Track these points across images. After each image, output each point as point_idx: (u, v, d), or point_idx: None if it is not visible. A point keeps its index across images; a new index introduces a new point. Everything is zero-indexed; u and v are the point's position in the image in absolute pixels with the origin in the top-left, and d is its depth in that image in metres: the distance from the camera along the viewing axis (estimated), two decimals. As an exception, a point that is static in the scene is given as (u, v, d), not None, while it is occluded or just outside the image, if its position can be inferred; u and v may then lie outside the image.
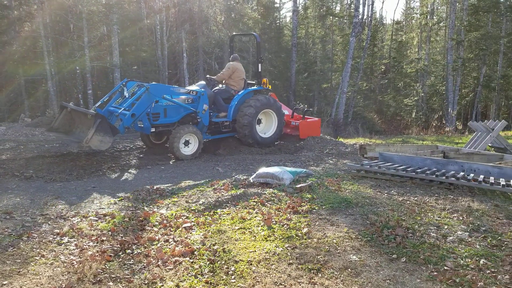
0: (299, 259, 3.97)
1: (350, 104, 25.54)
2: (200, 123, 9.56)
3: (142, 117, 8.63)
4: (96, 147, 7.89)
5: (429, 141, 14.19)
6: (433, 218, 5.11)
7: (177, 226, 4.79)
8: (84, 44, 18.47)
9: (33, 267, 3.72)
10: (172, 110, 9.12)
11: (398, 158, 7.68)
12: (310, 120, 11.55)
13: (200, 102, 9.46)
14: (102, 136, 7.90)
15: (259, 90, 10.69)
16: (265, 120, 10.71)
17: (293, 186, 6.32)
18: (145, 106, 8.55)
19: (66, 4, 18.62)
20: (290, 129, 11.47)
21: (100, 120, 7.93)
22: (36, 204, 5.59)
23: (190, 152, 9.16)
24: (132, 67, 23.70)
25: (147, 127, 8.84)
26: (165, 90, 9.11)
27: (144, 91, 8.52)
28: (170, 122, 9.17)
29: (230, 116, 10.00)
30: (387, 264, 3.89)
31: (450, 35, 25.90)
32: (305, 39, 34.74)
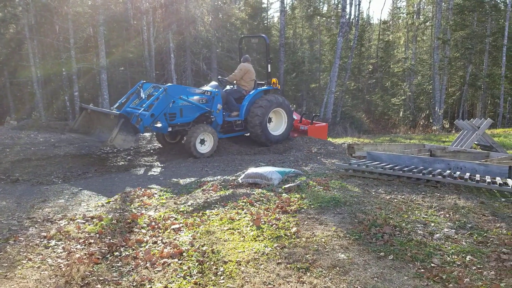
0: (288, 258, 3.98)
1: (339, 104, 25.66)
2: (214, 122, 9.86)
3: (160, 117, 8.93)
4: (119, 145, 8.28)
5: (417, 139, 14.31)
6: (420, 215, 5.15)
7: (166, 228, 4.77)
8: (70, 46, 18.32)
9: (20, 271, 3.69)
10: (187, 110, 9.42)
11: (386, 157, 7.73)
12: (318, 125, 12.25)
13: (214, 102, 9.79)
14: (125, 135, 8.24)
15: (269, 89, 11.07)
16: (275, 119, 11.11)
17: (282, 186, 6.33)
18: (163, 106, 8.86)
19: (51, 5, 18.46)
20: (297, 133, 12.01)
21: (123, 120, 8.22)
22: (22, 207, 5.53)
23: (206, 150, 9.46)
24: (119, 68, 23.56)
25: (164, 126, 9.12)
26: (182, 91, 9.41)
27: (162, 92, 8.84)
28: (186, 122, 9.47)
29: (242, 115, 10.39)
30: (375, 262, 3.92)
31: (436, 35, 26.16)
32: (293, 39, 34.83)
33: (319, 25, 35.34)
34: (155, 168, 8.43)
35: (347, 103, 28.05)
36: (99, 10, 18.64)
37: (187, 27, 22.39)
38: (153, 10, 22.00)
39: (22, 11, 17.96)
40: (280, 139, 10.96)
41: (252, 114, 10.27)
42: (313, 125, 12.06)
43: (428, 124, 23.68)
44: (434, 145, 10.25)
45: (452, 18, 26.87)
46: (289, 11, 35.13)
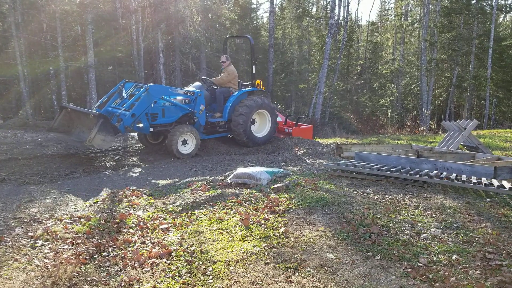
0: (276, 258, 4.00)
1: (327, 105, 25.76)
2: (197, 123, 9.76)
3: (141, 117, 8.82)
4: (99, 146, 8.15)
5: (404, 140, 14.42)
6: (407, 215, 5.21)
7: (154, 228, 4.76)
8: (58, 44, 18.13)
9: (6, 272, 3.65)
10: (170, 110, 9.32)
11: (374, 157, 7.79)
12: (303, 127, 12.14)
13: (197, 102, 9.69)
14: (104, 135, 8.12)
15: (253, 91, 11.02)
16: (259, 120, 11.04)
17: (270, 186, 6.35)
18: (144, 106, 8.74)
19: (39, 3, 18.26)
20: (283, 135, 11.89)
21: (102, 120, 8.11)
22: (8, 207, 5.47)
23: (188, 151, 9.35)
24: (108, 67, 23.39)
25: (146, 127, 9.03)
26: (164, 91, 9.31)
27: (143, 92, 8.71)
28: (168, 122, 9.36)
29: (226, 116, 10.29)
30: (363, 262, 3.95)
31: (423, 36, 26.40)
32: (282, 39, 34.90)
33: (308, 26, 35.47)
34: (143, 167, 8.38)
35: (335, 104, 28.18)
36: (88, 8, 18.47)
37: (176, 27, 22.32)
38: (142, 9, 21.88)
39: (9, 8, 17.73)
40: (263, 141, 10.89)
41: (237, 113, 10.20)
42: (298, 127, 11.96)
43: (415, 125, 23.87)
44: (421, 145, 10.34)
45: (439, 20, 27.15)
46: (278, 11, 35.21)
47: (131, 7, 21.41)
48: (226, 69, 10.67)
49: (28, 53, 19.38)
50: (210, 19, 24.46)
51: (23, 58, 18.25)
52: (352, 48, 32.74)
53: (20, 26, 18.37)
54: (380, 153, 8.60)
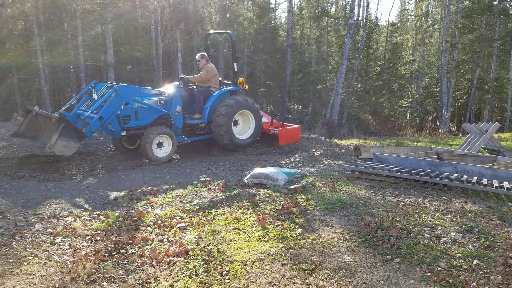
0: (293, 259, 3.97)
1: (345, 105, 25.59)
2: (173, 126, 9.21)
3: (112, 120, 8.34)
4: (60, 152, 7.56)
5: (423, 142, 14.25)
6: (427, 219, 5.13)
7: (171, 226, 4.77)
8: (78, 43, 18.38)
9: (26, 267, 3.70)
10: (143, 112, 8.80)
11: (393, 159, 7.70)
12: (290, 128, 11.24)
13: (172, 103, 9.13)
14: (66, 141, 7.59)
15: (236, 90, 10.31)
16: (242, 122, 10.35)
17: (287, 187, 6.32)
18: (113, 108, 8.22)
19: (60, 2, 18.52)
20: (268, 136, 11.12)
21: (64, 125, 7.59)
22: (29, 204, 5.56)
23: (164, 154, 8.84)
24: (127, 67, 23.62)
25: (117, 130, 8.54)
26: (135, 92, 8.74)
27: (112, 93, 8.17)
28: (141, 125, 8.85)
29: (205, 117, 9.61)
30: (381, 265, 3.90)
31: (444, 37, 26.03)
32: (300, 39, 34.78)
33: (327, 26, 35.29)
34: (160, 166, 8.42)
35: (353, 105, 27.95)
36: (108, 8, 18.68)
37: (194, 27, 22.42)
38: (161, 9, 22.04)
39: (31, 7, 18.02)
40: (247, 143, 10.16)
41: (217, 113, 9.48)
42: (284, 128, 11.03)
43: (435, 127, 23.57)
44: (441, 148, 10.20)
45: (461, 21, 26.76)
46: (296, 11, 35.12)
47: (150, 6, 21.58)
48: (204, 68, 9.96)
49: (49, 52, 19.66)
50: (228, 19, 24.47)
51: (44, 56, 18.53)
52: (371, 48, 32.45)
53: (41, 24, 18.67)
54: (399, 155, 8.49)
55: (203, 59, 9.99)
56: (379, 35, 40.68)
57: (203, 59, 10.00)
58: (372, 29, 34.43)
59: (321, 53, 33.53)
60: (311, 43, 35.23)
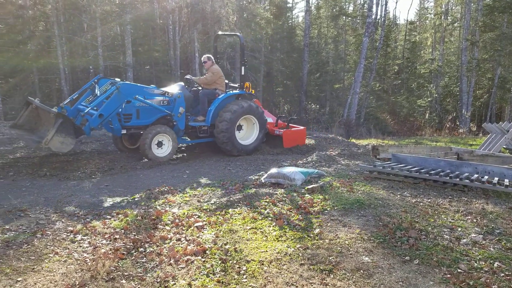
0: (310, 259, 3.96)
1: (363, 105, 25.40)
2: (176, 127, 9.03)
3: (112, 118, 8.22)
4: (56, 148, 7.47)
5: (443, 142, 14.06)
6: (447, 220, 5.06)
7: (189, 225, 4.80)
8: (98, 44, 18.63)
9: (47, 264, 3.76)
10: (145, 111, 8.65)
11: (411, 159, 7.62)
12: (295, 129, 10.99)
13: (176, 104, 8.95)
14: (63, 137, 7.45)
15: (241, 94, 10.01)
16: (246, 127, 10.09)
17: (304, 187, 6.30)
18: (114, 106, 8.07)
19: (80, 3, 18.80)
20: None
21: (62, 120, 7.46)
22: (50, 202, 5.65)
23: (165, 153, 8.70)
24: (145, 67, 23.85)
25: (117, 128, 8.42)
26: (138, 91, 8.57)
27: (114, 90, 8.03)
28: (143, 124, 8.70)
29: (209, 120, 9.38)
30: (400, 266, 3.86)
31: (464, 36, 25.63)
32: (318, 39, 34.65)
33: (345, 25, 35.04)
34: (179, 166, 8.48)
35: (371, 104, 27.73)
36: (127, 9, 18.90)
37: (212, 27, 22.51)
38: (179, 9, 22.18)
39: (52, 9, 18.33)
40: (250, 149, 9.80)
41: (220, 119, 9.23)
42: (289, 129, 10.78)
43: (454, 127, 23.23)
44: (461, 148, 10.05)
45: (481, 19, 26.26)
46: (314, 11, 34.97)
47: (168, 7, 21.76)
48: (210, 69, 9.73)
49: (69, 52, 19.97)
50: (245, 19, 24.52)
51: (64, 57, 18.83)
52: (389, 47, 32.14)
53: (62, 26, 18.98)
54: (418, 155, 8.39)
55: (209, 61, 9.80)
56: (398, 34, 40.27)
57: (210, 60, 9.80)
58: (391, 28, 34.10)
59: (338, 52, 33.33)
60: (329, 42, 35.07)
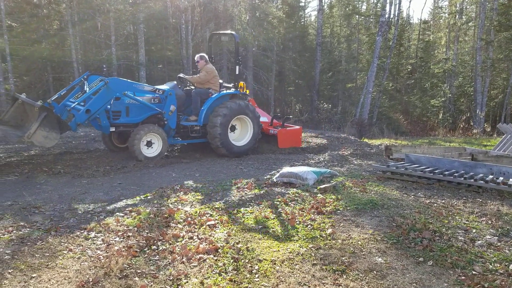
0: (323, 260, 3.94)
1: (375, 104, 25.23)
2: (166, 126, 8.85)
3: (100, 115, 8.01)
4: (40, 143, 7.29)
5: (457, 143, 13.92)
6: (461, 221, 5.00)
7: (201, 224, 4.81)
8: (111, 43, 18.76)
9: (61, 261, 3.79)
10: (135, 109, 8.46)
11: (425, 159, 7.55)
12: (290, 129, 10.67)
13: (167, 102, 8.75)
14: (47, 132, 7.25)
15: (235, 94, 9.75)
16: (240, 127, 9.87)
17: (317, 187, 6.28)
18: (102, 102, 7.86)
19: (94, 2, 18.94)
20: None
21: (46, 114, 7.26)
22: (64, 199, 5.71)
23: (154, 153, 8.51)
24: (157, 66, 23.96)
25: (105, 126, 8.21)
26: (127, 87, 8.33)
27: (102, 86, 7.82)
28: (132, 122, 8.51)
29: (201, 120, 9.15)
30: (414, 267, 3.83)
31: (479, 35, 25.33)
32: (330, 38, 34.49)
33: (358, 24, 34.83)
34: (190, 164, 8.51)
35: (384, 104, 27.54)
36: (140, 7, 18.99)
37: (224, 26, 22.54)
38: (191, 8, 22.25)
39: (66, 8, 18.50)
40: (243, 150, 9.57)
41: (212, 119, 9.04)
42: (284, 129, 10.51)
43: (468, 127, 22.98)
44: (475, 149, 9.94)
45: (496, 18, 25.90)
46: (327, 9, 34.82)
47: (181, 6, 21.82)
48: (203, 68, 9.52)
49: (83, 51, 20.14)
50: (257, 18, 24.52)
51: (78, 56, 18.99)
52: (402, 46, 31.86)
53: (76, 24, 19.14)
54: (432, 155, 8.31)
55: (202, 60, 9.60)
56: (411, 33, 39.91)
57: (202, 60, 9.60)
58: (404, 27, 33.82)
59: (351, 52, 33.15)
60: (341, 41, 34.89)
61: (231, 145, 9.35)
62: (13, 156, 8.54)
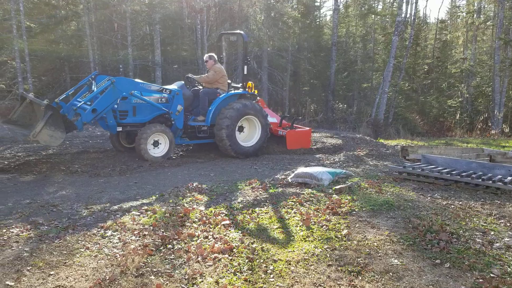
0: (338, 260, 3.92)
1: (391, 105, 25.00)
2: (173, 126, 8.82)
3: (107, 114, 8.01)
4: (45, 142, 7.27)
5: (474, 143, 13.72)
6: (479, 223, 4.93)
7: (216, 223, 4.83)
8: (128, 43, 18.92)
9: (79, 259, 3.84)
10: (142, 108, 8.45)
11: (442, 160, 7.46)
12: (299, 130, 10.56)
13: (174, 102, 8.72)
14: (53, 131, 7.22)
15: (243, 94, 9.70)
16: (248, 128, 9.79)
17: (332, 187, 6.25)
18: (109, 101, 7.86)
19: (110, 3, 19.14)
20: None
21: (51, 113, 7.23)
22: (81, 198, 5.78)
23: (161, 153, 8.50)
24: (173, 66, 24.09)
25: (112, 125, 8.20)
26: (134, 86, 8.35)
27: (109, 85, 7.81)
28: (139, 122, 8.48)
29: (208, 120, 9.11)
30: (430, 269, 3.79)
31: (497, 35, 24.92)
32: (346, 38, 34.26)
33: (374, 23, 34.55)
34: (205, 164, 8.54)
35: (400, 104, 27.25)
36: (156, 8, 19.13)
37: (239, 26, 22.56)
38: (207, 9, 22.32)
39: (83, 9, 18.72)
40: (251, 151, 9.46)
41: (220, 118, 8.97)
42: (293, 130, 10.37)
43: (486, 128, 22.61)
44: (493, 150, 9.79)
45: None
46: (342, 9, 34.60)
47: (197, 7, 21.91)
48: (212, 68, 9.50)
49: (100, 51, 20.35)
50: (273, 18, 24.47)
51: (95, 56, 19.20)
52: (419, 46, 31.50)
53: (93, 25, 19.36)
54: (449, 156, 8.21)
55: (211, 60, 9.58)
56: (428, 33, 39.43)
57: (211, 59, 9.58)
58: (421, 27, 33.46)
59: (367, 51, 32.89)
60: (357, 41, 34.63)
61: (240, 146, 9.29)
62: (32, 155, 8.68)
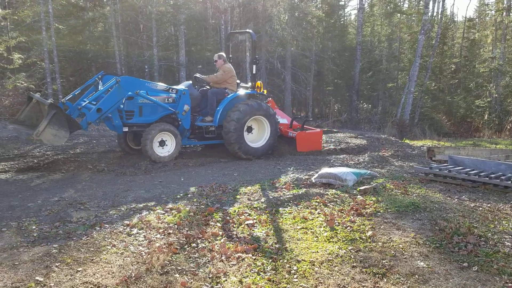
0: (363, 262, 3.89)
1: (417, 105, 24.61)
2: (180, 126, 8.69)
3: (113, 114, 7.95)
4: (48, 141, 7.22)
5: (503, 145, 13.40)
6: (508, 226, 4.82)
7: (240, 223, 4.85)
8: (153, 44, 19.16)
9: (105, 256, 3.91)
10: (148, 108, 8.34)
11: (469, 162, 7.31)
12: (310, 132, 10.23)
13: (180, 101, 8.57)
14: (56, 130, 7.15)
15: (252, 94, 9.57)
16: (257, 128, 9.57)
17: (356, 188, 6.20)
18: (114, 101, 7.77)
19: (136, 5, 19.40)
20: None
21: (55, 112, 7.15)
22: (107, 196, 5.88)
23: (167, 153, 8.39)
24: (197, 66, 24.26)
25: (118, 125, 8.11)
26: (140, 85, 8.22)
27: (114, 84, 7.72)
28: (145, 122, 8.35)
29: (216, 121, 8.97)
30: (457, 273, 3.72)
31: (528, 33, 24.27)
32: (371, 37, 33.88)
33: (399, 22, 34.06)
34: (228, 164, 8.58)
35: (426, 104, 26.79)
36: (181, 9, 19.31)
37: (263, 26, 22.57)
38: (231, 9, 22.41)
39: (110, 10, 19.03)
40: (260, 152, 9.28)
41: (228, 119, 8.80)
42: (303, 132, 10.03)
43: (516, 129, 22.05)
44: (524, 151, 9.53)
45: (548, 14, 24.78)
46: (367, 8, 34.25)
47: (221, 7, 22.02)
48: (221, 68, 9.36)
49: (126, 52, 20.65)
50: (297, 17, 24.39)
51: (121, 57, 19.50)
52: (446, 45, 30.92)
53: (119, 26, 19.67)
54: (477, 157, 8.04)
55: (221, 60, 9.42)
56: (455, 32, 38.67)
57: (221, 59, 9.43)
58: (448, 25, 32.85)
59: (392, 51, 32.44)
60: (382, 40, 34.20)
61: (249, 147, 9.13)
62: (60, 154, 8.87)
